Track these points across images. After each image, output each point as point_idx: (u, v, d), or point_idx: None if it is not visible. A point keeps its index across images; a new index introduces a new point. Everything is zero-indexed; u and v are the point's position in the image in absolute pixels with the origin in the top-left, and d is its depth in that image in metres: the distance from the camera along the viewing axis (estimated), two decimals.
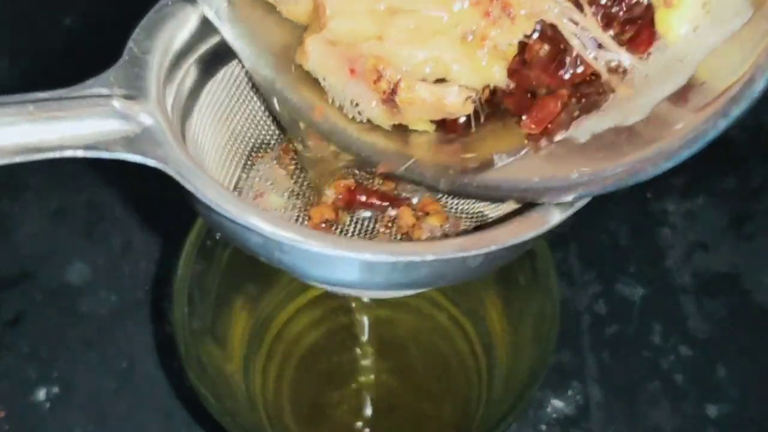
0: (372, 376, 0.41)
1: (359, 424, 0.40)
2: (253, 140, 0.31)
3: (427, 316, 0.42)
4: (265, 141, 0.31)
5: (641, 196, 0.48)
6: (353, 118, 0.28)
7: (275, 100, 0.28)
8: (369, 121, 0.27)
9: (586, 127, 0.25)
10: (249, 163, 0.30)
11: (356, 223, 0.29)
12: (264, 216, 0.23)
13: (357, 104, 0.27)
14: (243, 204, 0.24)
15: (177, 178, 0.24)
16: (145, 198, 0.48)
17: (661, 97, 0.24)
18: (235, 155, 0.30)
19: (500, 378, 0.39)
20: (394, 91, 0.26)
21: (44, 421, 0.41)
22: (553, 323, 0.35)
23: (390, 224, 0.29)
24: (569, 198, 0.24)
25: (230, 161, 0.30)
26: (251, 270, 0.41)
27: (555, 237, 0.46)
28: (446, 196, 0.29)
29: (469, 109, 0.26)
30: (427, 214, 0.29)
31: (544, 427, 0.41)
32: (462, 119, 0.27)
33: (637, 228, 0.47)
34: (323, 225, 0.29)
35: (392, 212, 0.29)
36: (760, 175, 0.49)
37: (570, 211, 0.25)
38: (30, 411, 0.42)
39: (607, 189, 0.23)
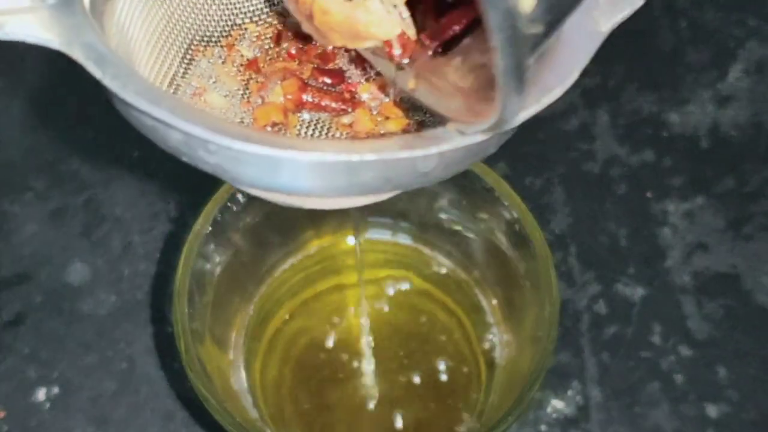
0: (371, 375, 0.41)
1: (359, 422, 0.40)
2: (193, 31, 0.28)
3: (427, 315, 0.42)
4: (208, 33, 0.28)
5: (641, 196, 0.48)
6: None
7: None
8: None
9: None
10: (188, 56, 0.28)
11: (308, 126, 0.26)
12: (181, 107, 0.21)
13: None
14: (159, 93, 0.21)
15: (81, 62, 0.21)
16: (144, 198, 0.48)
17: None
18: (172, 46, 0.27)
19: (500, 378, 0.39)
20: (311, 16, 0.24)
21: (44, 422, 0.41)
22: (552, 324, 0.35)
23: (345, 129, 0.26)
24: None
25: (165, 53, 0.27)
26: (250, 270, 0.41)
27: (555, 238, 0.46)
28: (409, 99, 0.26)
29: (393, 31, 0.23)
30: (387, 118, 0.26)
31: (544, 427, 0.41)
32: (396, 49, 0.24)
33: (636, 228, 0.47)
34: (270, 128, 0.26)
35: (348, 118, 0.26)
36: (759, 176, 0.49)
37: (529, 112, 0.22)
38: (30, 411, 0.42)
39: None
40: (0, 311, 0.45)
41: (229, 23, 0.29)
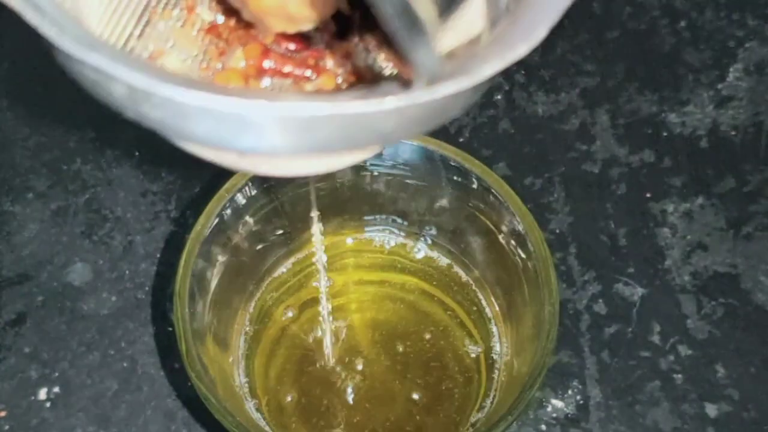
0: (372, 375, 0.41)
1: (360, 422, 0.40)
2: None
3: (428, 315, 0.42)
4: None
5: (640, 196, 0.48)
6: None
7: None
8: None
9: None
10: (144, 17, 0.26)
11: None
12: (121, 56, 0.20)
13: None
14: (99, 41, 0.20)
15: (18, 8, 0.20)
16: (145, 198, 0.48)
17: None
18: (128, 6, 0.26)
19: (500, 378, 0.39)
20: (246, 1, 0.23)
21: (45, 421, 0.42)
22: (552, 323, 0.35)
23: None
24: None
25: (120, 13, 0.25)
26: (250, 270, 0.41)
27: (555, 238, 0.46)
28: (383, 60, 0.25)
29: (326, 11, 0.23)
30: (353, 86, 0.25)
31: (543, 427, 0.41)
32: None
33: (636, 228, 0.47)
34: None
35: (311, 86, 0.25)
36: (759, 176, 0.49)
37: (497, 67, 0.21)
38: (31, 411, 0.42)
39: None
40: (1, 311, 0.45)
41: None
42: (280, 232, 0.42)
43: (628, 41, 0.54)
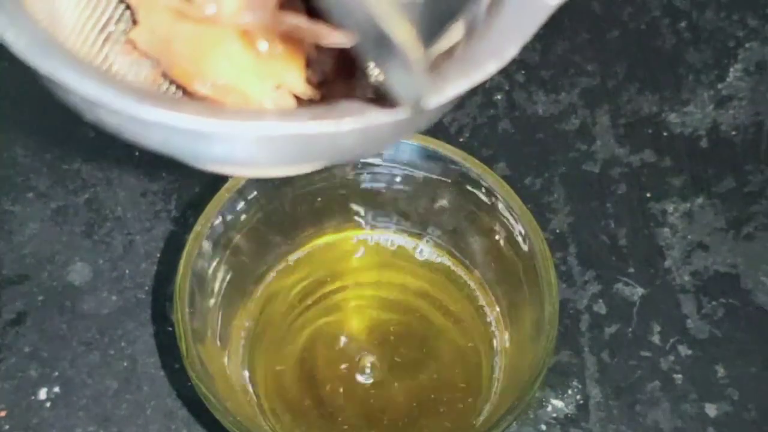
0: (373, 377, 0.41)
1: (360, 424, 0.40)
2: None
3: (426, 317, 0.42)
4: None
5: (641, 196, 0.48)
6: None
7: None
8: None
9: None
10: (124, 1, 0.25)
11: None
12: (75, 63, 0.19)
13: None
14: (55, 47, 0.19)
15: None
16: (146, 198, 0.48)
17: None
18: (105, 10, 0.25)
19: (500, 378, 0.39)
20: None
21: (45, 421, 0.42)
22: (552, 323, 0.35)
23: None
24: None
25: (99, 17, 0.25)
26: (251, 269, 0.41)
27: (555, 238, 0.46)
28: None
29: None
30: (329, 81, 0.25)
31: (543, 426, 0.41)
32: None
33: (636, 228, 0.47)
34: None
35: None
36: (759, 176, 0.49)
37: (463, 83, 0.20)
38: (31, 410, 0.42)
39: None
40: (1, 310, 0.45)
41: None
42: (280, 231, 0.42)
43: (628, 41, 0.54)
